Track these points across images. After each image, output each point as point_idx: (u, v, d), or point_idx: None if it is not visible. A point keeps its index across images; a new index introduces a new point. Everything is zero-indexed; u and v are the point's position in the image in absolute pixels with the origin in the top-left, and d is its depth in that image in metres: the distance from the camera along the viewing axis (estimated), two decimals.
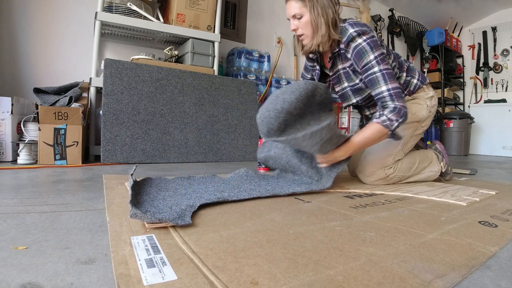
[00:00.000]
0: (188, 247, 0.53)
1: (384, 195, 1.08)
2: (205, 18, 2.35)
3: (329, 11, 1.13)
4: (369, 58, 1.11)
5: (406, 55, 4.84)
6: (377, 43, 1.13)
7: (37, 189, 0.99)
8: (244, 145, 2.25)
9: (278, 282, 0.42)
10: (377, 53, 1.11)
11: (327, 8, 1.13)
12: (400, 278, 0.45)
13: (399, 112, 1.07)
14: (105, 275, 0.43)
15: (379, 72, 1.10)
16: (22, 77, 2.08)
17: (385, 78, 1.10)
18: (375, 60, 1.10)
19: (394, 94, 1.09)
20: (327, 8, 1.13)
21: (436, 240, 0.62)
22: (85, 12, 2.26)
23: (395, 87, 1.09)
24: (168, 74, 2.08)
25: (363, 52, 1.12)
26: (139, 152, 1.83)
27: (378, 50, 1.11)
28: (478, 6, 4.47)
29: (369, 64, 1.12)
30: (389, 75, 1.10)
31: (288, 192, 1.00)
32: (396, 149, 1.30)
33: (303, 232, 0.64)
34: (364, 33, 1.12)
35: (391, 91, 1.09)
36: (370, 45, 1.11)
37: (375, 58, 1.10)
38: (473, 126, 4.47)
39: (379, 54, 1.11)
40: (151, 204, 0.77)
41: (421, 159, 1.38)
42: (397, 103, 1.08)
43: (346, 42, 1.15)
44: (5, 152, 1.64)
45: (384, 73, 1.10)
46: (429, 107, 1.33)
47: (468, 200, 1.00)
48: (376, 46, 1.12)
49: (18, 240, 0.55)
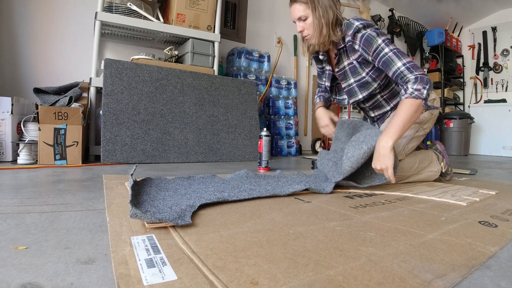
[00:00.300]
0: (188, 247, 0.53)
1: (384, 195, 1.08)
2: (205, 18, 2.35)
3: (329, 12, 1.19)
4: (378, 42, 1.16)
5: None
6: (380, 32, 1.19)
7: (37, 189, 0.99)
8: (244, 145, 2.25)
9: (278, 282, 0.42)
10: (384, 37, 1.17)
11: (328, 9, 1.19)
12: (400, 278, 0.45)
13: (422, 80, 1.06)
14: (105, 275, 0.43)
15: (390, 51, 1.14)
16: (22, 77, 2.08)
17: (397, 55, 1.13)
18: (383, 43, 1.16)
19: (410, 66, 1.10)
20: (328, 8, 1.19)
21: (436, 240, 0.62)
22: (85, 12, 2.26)
23: (409, 61, 1.12)
24: (168, 74, 2.08)
25: (371, 38, 1.17)
26: (139, 152, 1.83)
27: (384, 36, 1.18)
28: (478, 6, 4.47)
29: (379, 48, 1.16)
30: (400, 52, 1.14)
31: (288, 192, 1.00)
32: (397, 149, 1.31)
33: (303, 232, 0.64)
34: (369, 26, 1.20)
35: (406, 64, 1.11)
36: (376, 32, 1.18)
37: (383, 42, 1.16)
38: (473, 126, 4.47)
39: (386, 38, 1.17)
40: (151, 204, 0.77)
41: (421, 159, 1.38)
42: (416, 73, 1.08)
43: (352, 34, 1.20)
44: (5, 152, 1.65)
45: (395, 51, 1.14)
46: (431, 110, 1.34)
47: (468, 200, 1.00)
48: (381, 34, 1.18)
49: (18, 240, 0.55)
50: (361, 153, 1.06)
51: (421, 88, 1.05)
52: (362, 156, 1.06)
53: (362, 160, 1.07)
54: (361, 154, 1.06)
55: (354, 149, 1.08)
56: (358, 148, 1.07)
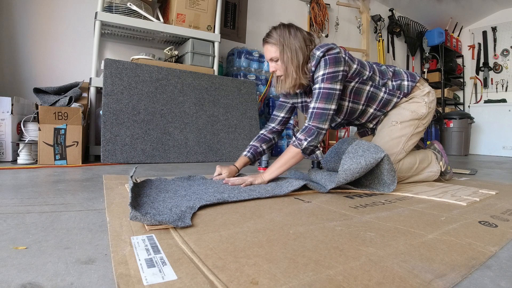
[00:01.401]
0: (188, 247, 0.53)
1: (384, 195, 1.08)
2: (205, 18, 2.35)
3: (299, 55, 1.15)
4: (319, 73, 1.14)
5: (406, 55, 4.84)
6: (336, 59, 1.14)
7: (37, 189, 0.99)
8: (244, 145, 2.25)
9: (278, 282, 0.42)
10: (328, 70, 1.13)
11: (298, 51, 1.15)
12: (400, 278, 0.45)
13: (308, 132, 1.12)
14: (105, 275, 0.43)
15: (318, 89, 1.14)
16: (22, 77, 2.08)
17: (318, 97, 1.13)
18: (322, 77, 1.14)
19: (315, 114, 1.12)
20: (298, 51, 1.15)
21: (436, 240, 0.62)
22: (85, 12, 2.26)
23: (322, 108, 1.12)
24: (168, 74, 2.08)
25: (318, 67, 1.15)
26: (139, 152, 1.83)
27: (332, 67, 1.13)
28: (478, 6, 4.47)
29: (317, 79, 1.16)
30: (324, 95, 1.13)
31: (288, 190, 1.01)
32: (397, 147, 1.31)
33: (303, 232, 0.64)
34: (328, 50, 1.15)
35: (315, 110, 1.13)
36: (326, 62, 1.13)
37: (323, 75, 1.14)
38: (473, 126, 4.47)
39: (331, 72, 1.13)
40: (151, 206, 0.76)
41: (421, 159, 1.38)
42: (311, 123, 1.13)
43: (315, 65, 1.17)
44: (5, 152, 1.65)
45: (322, 91, 1.13)
46: (428, 103, 1.34)
47: (468, 200, 1.00)
48: (333, 64, 1.13)
49: (18, 240, 0.55)
50: (357, 167, 1.03)
51: (303, 139, 1.12)
52: (359, 170, 1.04)
53: (357, 174, 1.04)
54: (357, 168, 1.03)
55: (351, 162, 1.05)
56: (356, 162, 1.04)
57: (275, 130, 1.40)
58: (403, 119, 1.32)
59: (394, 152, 1.30)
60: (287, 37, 1.16)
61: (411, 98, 1.34)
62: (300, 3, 3.55)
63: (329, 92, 1.13)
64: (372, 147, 1.08)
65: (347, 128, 3.26)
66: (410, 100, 1.34)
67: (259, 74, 2.85)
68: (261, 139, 1.38)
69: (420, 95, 1.34)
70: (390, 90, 1.32)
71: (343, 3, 3.81)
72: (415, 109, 1.32)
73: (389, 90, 1.32)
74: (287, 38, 1.15)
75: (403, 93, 1.33)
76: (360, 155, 1.05)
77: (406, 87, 1.33)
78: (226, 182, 1.11)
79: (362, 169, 1.04)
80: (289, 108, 1.40)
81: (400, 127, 1.32)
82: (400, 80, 1.34)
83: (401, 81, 1.34)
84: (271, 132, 1.39)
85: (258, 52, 2.84)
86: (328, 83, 1.13)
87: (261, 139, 1.38)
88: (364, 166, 1.03)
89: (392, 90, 1.32)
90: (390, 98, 1.32)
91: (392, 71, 1.36)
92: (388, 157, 1.09)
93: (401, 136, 1.32)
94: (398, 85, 1.33)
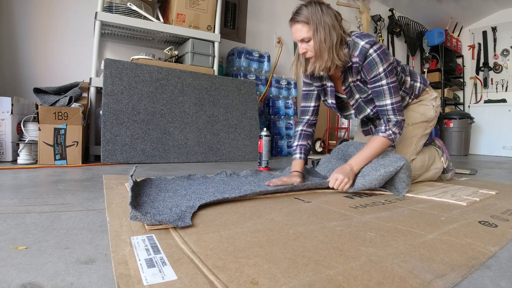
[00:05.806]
0: (188, 247, 0.53)
1: (384, 195, 1.08)
2: (205, 18, 2.34)
3: (333, 34, 1.07)
4: (379, 70, 1.11)
5: (406, 55, 4.84)
6: (386, 52, 1.12)
7: (37, 189, 0.99)
8: (244, 145, 2.25)
9: (278, 282, 0.42)
10: (386, 65, 1.10)
11: (332, 31, 1.07)
12: (400, 278, 0.45)
13: (400, 126, 1.14)
14: (105, 275, 0.43)
15: (386, 85, 1.12)
16: (22, 77, 2.08)
17: (391, 91, 1.13)
18: (383, 72, 1.11)
19: (397, 108, 1.14)
20: (332, 30, 1.07)
21: (436, 240, 0.62)
22: (85, 12, 2.26)
23: (398, 101, 1.14)
24: (168, 74, 2.08)
25: (373, 64, 1.10)
26: (139, 152, 1.83)
27: (387, 62, 1.11)
28: (478, 6, 4.47)
29: (377, 76, 1.12)
30: (394, 89, 1.13)
31: (289, 187, 1.03)
32: (410, 148, 1.33)
33: (303, 232, 0.64)
34: (374, 44, 1.10)
35: (394, 105, 1.13)
36: (380, 57, 1.10)
37: (383, 71, 1.11)
38: (473, 126, 4.47)
39: (388, 66, 1.11)
40: (151, 206, 0.76)
41: (429, 156, 1.41)
42: (399, 117, 1.14)
43: (361, 56, 1.11)
44: (5, 152, 1.64)
45: (391, 86, 1.12)
46: (435, 107, 1.37)
47: (468, 200, 1.00)
48: (386, 57, 1.11)
49: (18, 240, 0.55)
50: (376, 174, 1.06)
51: (398, 133, 1.14)
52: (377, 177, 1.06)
53: (376, 181, 1.06)
54: (376, 175, 1.06)
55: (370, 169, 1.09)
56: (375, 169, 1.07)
57: (312, 123, 1.35)
58: (414, 121, 1.34)
59: (408, 152, 1.33)
60: (319, 14, 1.06)
61: (420, 100, 1.37)
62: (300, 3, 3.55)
63: (396, 85, 1.14)
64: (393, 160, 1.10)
65: (346, 128, 3.26)
66: (419, 103, 1.36)
67: (259, 74, 2.85)
68: (305, 135, 1.33)
69: (429, 99, 1.36)
70: (407, 88, 1.33)
71: (343, 3, 3.81)
72: (424, 111, 1.34)
73: (405, 88, 1.33)
74: (319, 16, 1.06)
75: (414, 94, 1.35)
76: (381, 164, 1.09)
77: (418, 89, 1.35)
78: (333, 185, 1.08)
79: (381, 176, 1.06)
80: (316, 96, 1.34)
81: (411, 128, 1.34)
82: (414, 80, 1.35)
83: (414, 81, 1.35)
84: (309, 126, 1.35)
85: (258, 52, 2.84)
86: (392, 77, 1.13)
87: (305, 136, 1.33)
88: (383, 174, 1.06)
89: (409, 88, 1.33)
90: (405, 95, 1.34)
91: (409, 70, 1.36)
92: (408, 165, 1.09)
93: (412, 137, 1.34)
94: (412, 85, 1.34)
